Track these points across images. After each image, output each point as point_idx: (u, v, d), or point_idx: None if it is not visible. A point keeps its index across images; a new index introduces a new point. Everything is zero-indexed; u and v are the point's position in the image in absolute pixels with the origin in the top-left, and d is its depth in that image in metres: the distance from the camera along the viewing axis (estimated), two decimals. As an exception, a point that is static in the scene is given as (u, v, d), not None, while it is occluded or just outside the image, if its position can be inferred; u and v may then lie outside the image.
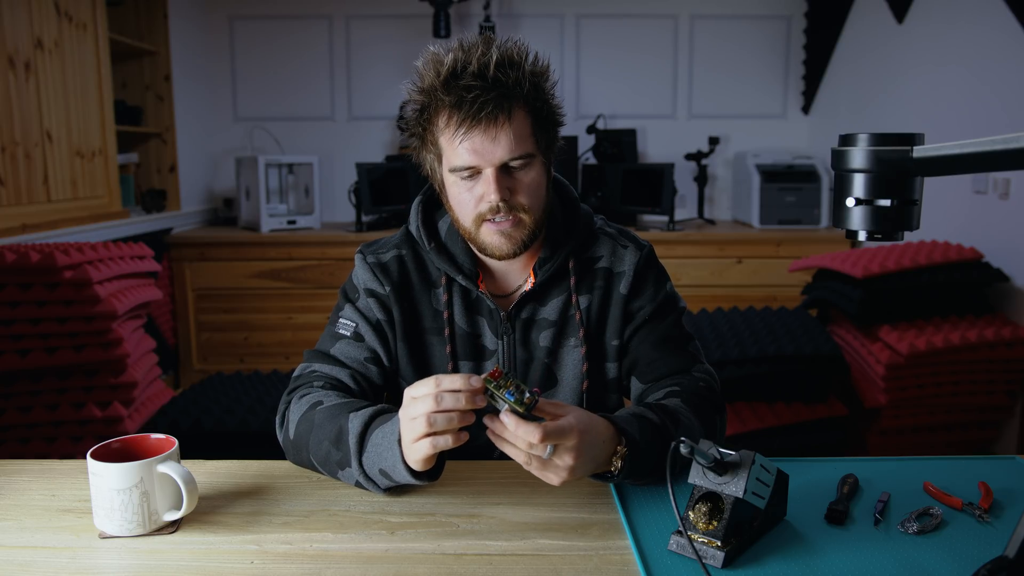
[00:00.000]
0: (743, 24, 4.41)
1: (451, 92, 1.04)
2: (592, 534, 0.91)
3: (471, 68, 1.04)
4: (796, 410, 2.59)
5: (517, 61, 1.07)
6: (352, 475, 1.00)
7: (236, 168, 4.15)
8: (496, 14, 4.31)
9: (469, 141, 1.05)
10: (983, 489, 0.99)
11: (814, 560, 0.85)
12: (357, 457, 0.98)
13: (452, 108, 1.05)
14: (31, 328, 2.17)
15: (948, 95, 3.06)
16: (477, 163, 1.06)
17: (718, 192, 4.55)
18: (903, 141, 0.71)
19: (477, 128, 1.04)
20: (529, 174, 1.09)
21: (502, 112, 1.04)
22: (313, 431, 1.04)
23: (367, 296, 1.18)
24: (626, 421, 0.98)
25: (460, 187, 1.09)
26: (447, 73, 1.04)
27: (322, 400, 1.08)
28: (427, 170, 1.15)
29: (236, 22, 4.42)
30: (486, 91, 1.03)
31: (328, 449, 1.02)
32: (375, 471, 0.97)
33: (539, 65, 1.10)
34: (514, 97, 1.06)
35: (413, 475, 0.94)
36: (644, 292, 1.20)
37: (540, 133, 1.10)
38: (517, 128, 1.06)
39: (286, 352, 3.92)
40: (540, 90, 1.09)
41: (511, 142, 1.05)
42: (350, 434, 0.99)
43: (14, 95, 2.69)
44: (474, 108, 1.03)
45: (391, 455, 0.94)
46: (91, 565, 0.85)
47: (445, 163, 1.10)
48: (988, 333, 2.49)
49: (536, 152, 1.10)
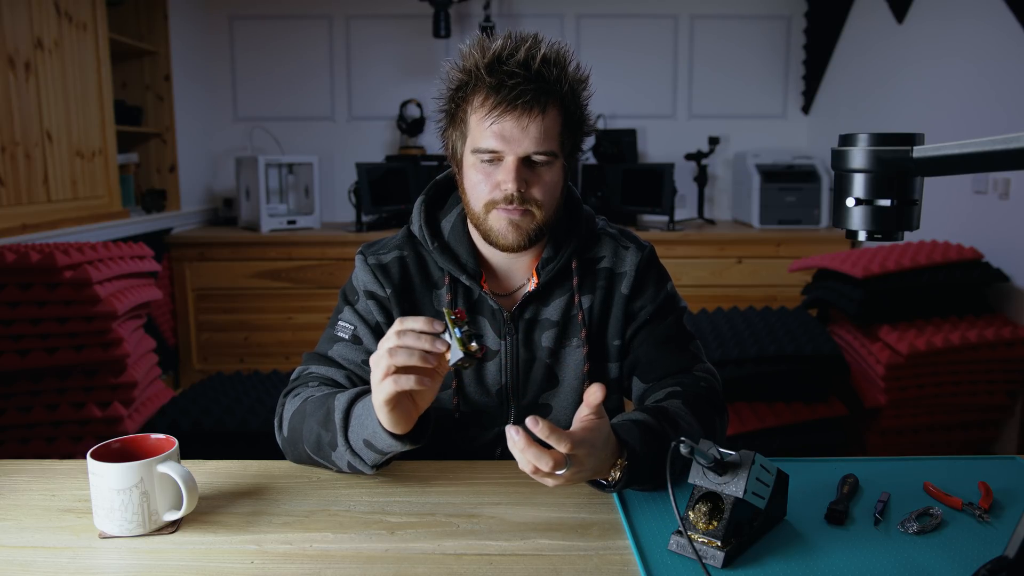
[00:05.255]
0: (743, 24, 4.41)
1: (493, 74, 1.05)
2: (592, 534, 0.91)
3: (518, 56, 1.05)
4: (796, 410, 2.59)
5: (562, 62, 1.08)
6: (342, 455, 1.01)
7: (236, 168, 4.15)
8: (496, 14, 4.31)
9: (499, 125, 1.06)
10: (983, 489, 0.99)
11: (814, 560, 0.85)
12: (343, 433, 0.99)
13: (490, 90, 1.06)
14: (31, 328, 2.17)
15: (948, 95, 3.06)
16: (502, 149, 1.07)
17: (718, 192, 4.55)
18: (903, 141, 0.71)
19: (510, 114, 1.05)
20: (549, 172, 1.10)
21: (537, 104, 1.05)
22: (305, 420, 1.05)
23: (367, 298, 1.18)
24: (627, 431, 0.97)
25: (479, 170, 1.09)
26: (492, 56, 1.06)
27: (314, 394, 1.09)
28: (448, 149, 1.15)
29: (236, 22, 4.42)
30: (528, 81, 1.05)
31: (319, 432, 1.03)
32: (359, 444, 0.98)
33: (580, 73, 1.11)
34: (552, 94, 1.07)
35: (393, 437, 0.94)
36: (645, 292, 1.20)
37: (567, 136, 1.11)
38: (548, 124, 1.07)
39: (286, 352, 3.92)
40: (577, 95, 1.11)
41: (540, 136, 1.06)
42: (336, 411, 1.00)
43: (14, 95, 2.69)
44: (513, 94, 1.04)
45: (371, 422, 0.95)
46: (91, 565, 0.85)
47: (469, 143, 1.10)
48: (988, 333, 2.49)
49: (559, 153, 1.10)
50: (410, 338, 0.88)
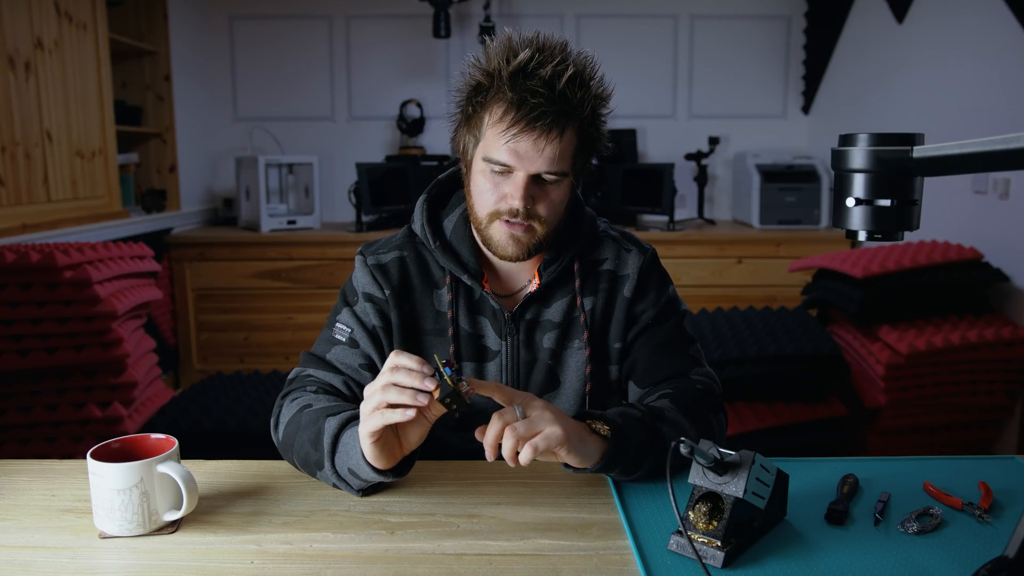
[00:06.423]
0: (743, 24, 4.41)
1: (516, 89, 1.03)
2: (592, 534, 0.91)
3: (543, 72, 1.03)
4: (796, 410, 2.59)
5: (587, 80, 1.07)
6: (327, 476, 1.01)
7: (236, 168, 4.15)
8: (496, 14, 4.31)
9: (515, 143, 1.04)
10: (983, 489, 0.99)
11: (814, 560, 0.85)
12: (330, 458, 0.99)
13: (511, 105, 1.04)
14: (31, 328, 2.17)
15: (948, 95, 3.06)
16: (514, 164, 1.06)
17: (718, 192, 4.55)
18: (903, 141, 0.71)
19: (528, 134, 1.04)
20: (557, 190, 1.10)
21: (556, 127, 1.04)
22: (298, 433, 1.05)
23: (365, 300, 1.18)
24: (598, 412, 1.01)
25: (487, 178, 1.09)
26: (518, 67, 1.04)
27: (311, 403, 1.09)
28: (459, 145, 1.14)
29: (236, 22, 4.42)
30: (551, 102, 1.03)
31: (308, 450, 1.03)
32: (345, 470, 0.98)
33: (604, 90, 1.10)
34: (573, 117, 1.06)
35: (375, 471, 0.95)
36: (647, 296, 1.20)
37: (580, 156, 1.11)
38: (564, 146, 1.06)
39: (286, 352, 3.92)
40: (597, 117, 1.10)
41: (554, 157, 1.05)
42: (325, 434, 1.00)
43: (14, 95, 2.69)
44: (533, 114, 1.03)
45: (356, 453, 0.96)
46: (91, 565, 0.85)
47: (482, 149, 1.09)
48: (988, 333, 2.49)
49: (570, 172, 1.10)
50: (402, 375, 0.88)
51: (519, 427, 0.89)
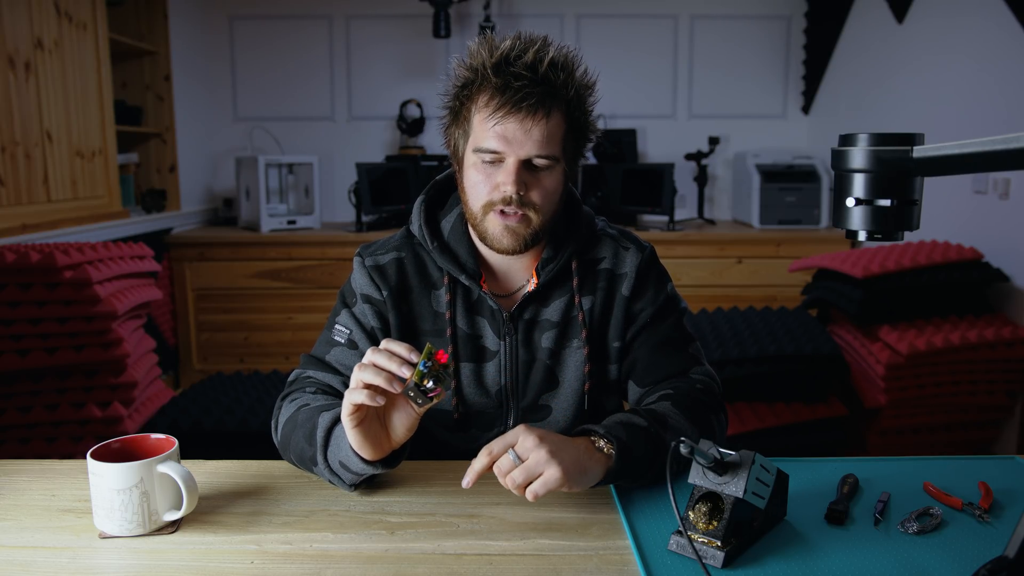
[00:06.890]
0: (743, 24, 4.41)
1: (500, 75, 1.05)
2: (592, 534, 0.91)
3: (525, 58, 1.05)
4: (796, 410, 2.59)
5: (569, 67, 1.08)
6: (322, 471, 1.02)
7: (236, 168, 4.15)
8: (496, 14, 4.31)
9: (502, 126, 1.05)
10: (983, 489, 0.99)
11: (814, 560, 0.85)
12: (323, 452, 1.00)
13: (496, 90, 1.06)
14: (31, 328, 2.17)
15: (948, 95, 3.06)
16: (504, 150, 1.06)
17: (718, 192, 4.55)
18: (903, 141, 0.71)
19: (514, 116, 1.05)
20: (549, 177, 1.10)
21: (542, 107, 1.05)
22: (295, 430, 1.06)
23: (363, 302, 1.18)
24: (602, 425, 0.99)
25: (479, 170, 1.09)
26: (500, 56, 1.06)
27: (309, 402, 1.09)
28: (451, 146, 1.15)
29: (236, 22, 4.42)
30: (534, 84, 1.05)
31: (303, 446, 1.03)
32: (336, 464, 0.99)
33: (587, 79, 1.11)
34: (557, 98, 1.07)
35: (364, 462, 0.95)
36: (646, 294, 1.20)
37: (570, 141, 1.11)
38: (551, 128, 1.07)
39: (286, 352, 3.92)
40: (583, 101, 1.11)
41: (542, 139, 1.06)
42: (319, 429, 1.01)
43: (14, 95, 2.69)
44: (518, 96, 1.04)
45: (345, 444, 0.96)
46: (91, 565, 0.85)
47: (471, 142, 1.10)
48: (988, 333, 2.49)
49: (561, 158, 1.10)
50: (383, 357, 0.88)
51: (516, 476, 0.89)
